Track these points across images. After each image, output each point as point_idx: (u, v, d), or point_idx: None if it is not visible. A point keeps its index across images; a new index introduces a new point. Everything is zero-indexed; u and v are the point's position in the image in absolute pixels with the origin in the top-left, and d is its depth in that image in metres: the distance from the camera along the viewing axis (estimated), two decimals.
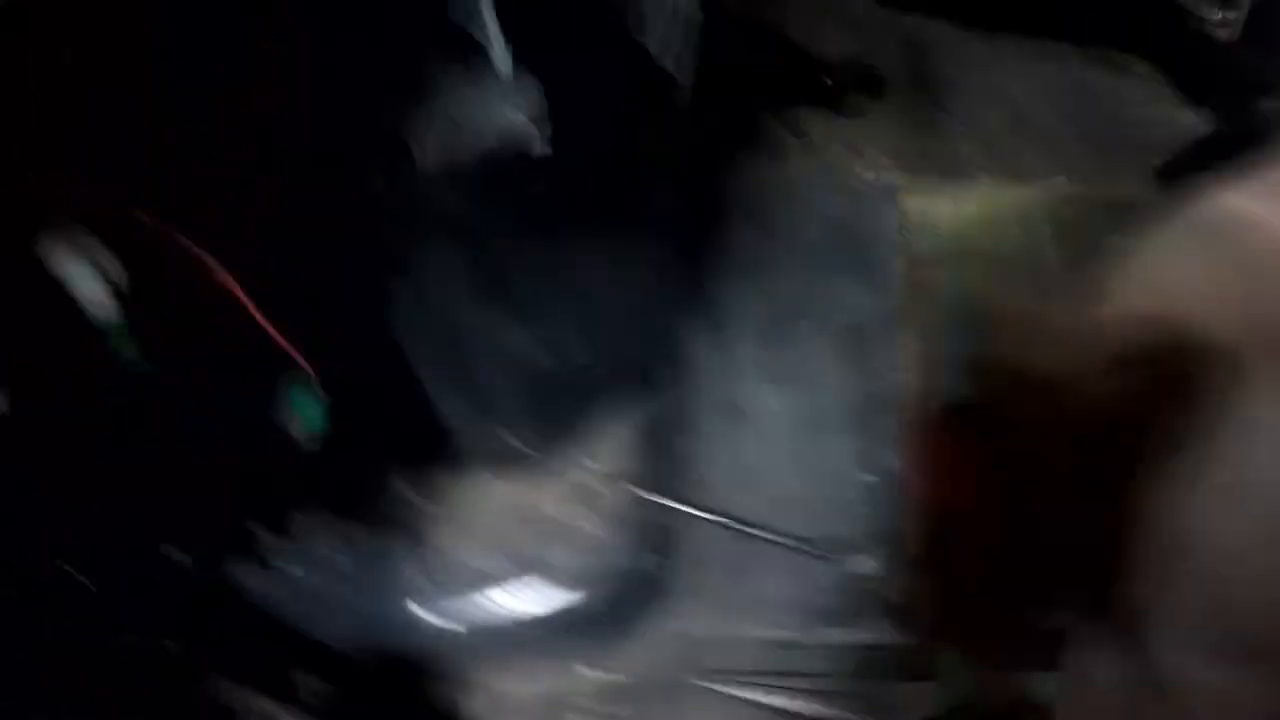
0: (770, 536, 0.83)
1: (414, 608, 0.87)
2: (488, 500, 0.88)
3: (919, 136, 1.03)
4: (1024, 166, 1.04)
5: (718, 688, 0.83)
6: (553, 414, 0.85)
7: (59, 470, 0.71)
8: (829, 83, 0.97)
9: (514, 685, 0.87)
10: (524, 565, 0.87)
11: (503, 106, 0.84)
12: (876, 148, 1.00)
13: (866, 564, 0.81)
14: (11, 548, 0.70)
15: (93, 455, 0.74)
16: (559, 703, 0.86)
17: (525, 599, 0.87)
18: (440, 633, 0.87)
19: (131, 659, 0.76)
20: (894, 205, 0.95)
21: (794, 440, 0.86)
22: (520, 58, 0.83)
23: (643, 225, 0.87)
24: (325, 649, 0.85)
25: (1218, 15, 1.11)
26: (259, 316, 0.77)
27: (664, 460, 0.86)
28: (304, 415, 0.82)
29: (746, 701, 0.82)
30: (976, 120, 1.06)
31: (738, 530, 0.84)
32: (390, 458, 0.88)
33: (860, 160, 0.99)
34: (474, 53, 0.82)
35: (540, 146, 0.86)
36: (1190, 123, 1.14)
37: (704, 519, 0.84)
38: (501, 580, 0.87)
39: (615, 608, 0.86)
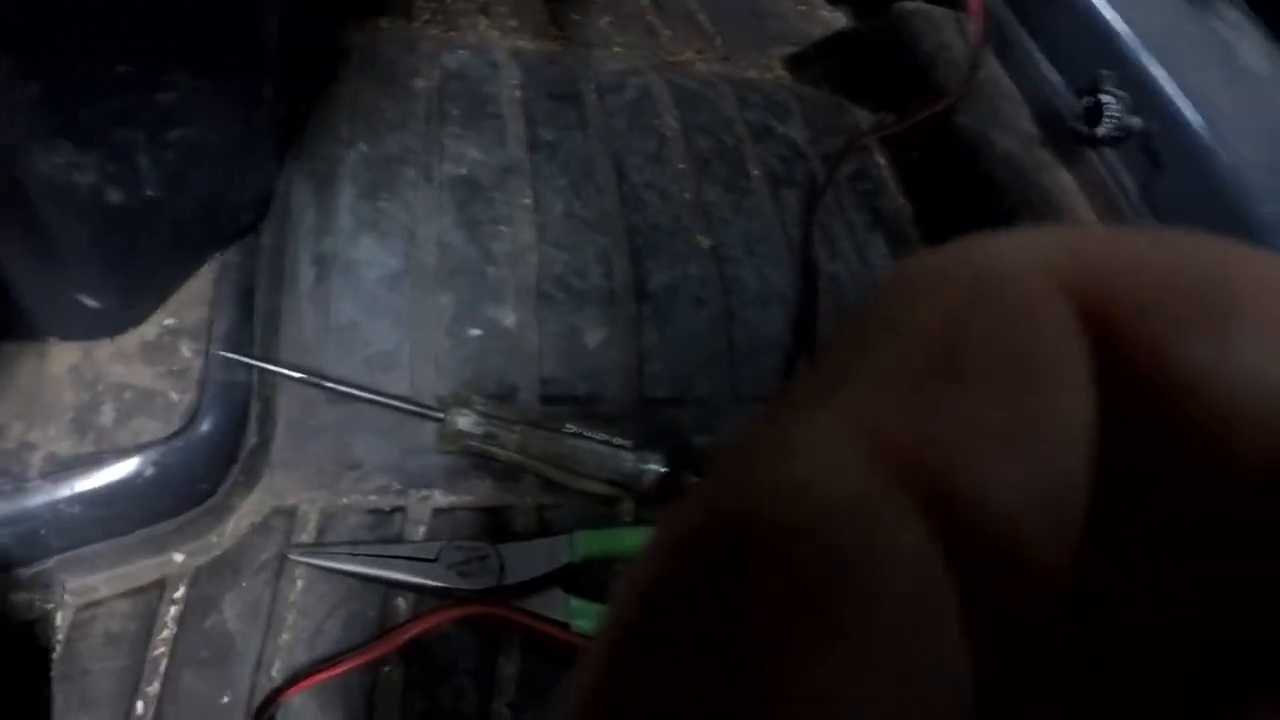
0: (369, 397, 0.78)
1: None
2: (55, 370, 0.78)
3: (555, 3, 1.01)
4: (658, 44, 1.05)
5: (317, 562, 0.78)
6: (127, 265, 0.76)
7: None
8: None
9: (103, 585, 0.79)
10: (101, 443, 0.78)
11: None
12: (510, 10, 0.97)
13: (470, 422, 0.78)
14: None
15: None
16: (153, 597, 0.78)
17: (105, 482, 0.78)
18: (10, 531, 0.77)
19: None
20: (516, 65, 0.92)
21: (394, 295, 0.81)
22: None
23: (242, 61, 0.79)
24: None
25: None
26: None
27: (253, 317, 0.79)
28: None
29: (349, 574, 0.78)
30: None
31: (334, 391, 0.78)
32: None
33: (490, 21, 0.96)
34: None
35: None
36: (828, 17, 1.19)
37: (297, 380, 0.78)
38: (77, 462, 0.78)
39: (205, 483, 0.79)
